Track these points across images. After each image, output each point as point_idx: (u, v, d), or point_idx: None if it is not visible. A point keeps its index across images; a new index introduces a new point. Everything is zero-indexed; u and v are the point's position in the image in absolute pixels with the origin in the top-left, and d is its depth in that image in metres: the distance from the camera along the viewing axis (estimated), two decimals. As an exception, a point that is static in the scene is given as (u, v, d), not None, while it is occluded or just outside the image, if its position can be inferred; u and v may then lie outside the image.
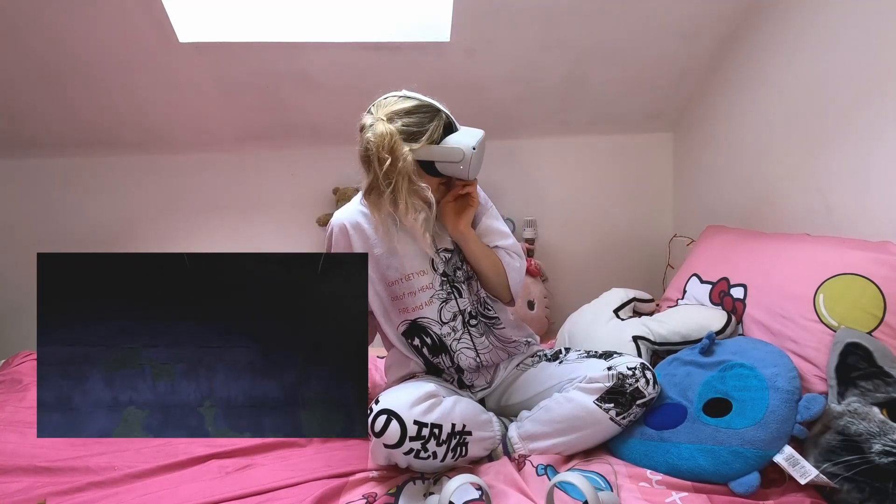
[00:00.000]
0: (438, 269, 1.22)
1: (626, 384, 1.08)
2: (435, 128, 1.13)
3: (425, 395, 1.08)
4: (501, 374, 1.29)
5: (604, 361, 1.15)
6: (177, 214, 2.11)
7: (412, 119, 1.11)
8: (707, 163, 2.00)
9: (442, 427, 1.05)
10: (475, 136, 1.15)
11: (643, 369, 1.11)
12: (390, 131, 1.08)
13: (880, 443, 0.87)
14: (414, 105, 1.13)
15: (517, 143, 2.16)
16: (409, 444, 1.02)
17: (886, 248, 1.12)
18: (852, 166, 1.34)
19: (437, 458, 1.05)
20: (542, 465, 1.09)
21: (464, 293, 1.23)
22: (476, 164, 1.15)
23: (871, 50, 1.27)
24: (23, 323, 2.01)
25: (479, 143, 1.14)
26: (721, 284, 1.43)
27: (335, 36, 1.69)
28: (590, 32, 1.72)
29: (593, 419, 1.09)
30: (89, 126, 1.91)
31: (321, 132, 1.99)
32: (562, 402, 1.12)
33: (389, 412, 1.02)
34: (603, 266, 2.24)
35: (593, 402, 1.09)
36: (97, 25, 1.57)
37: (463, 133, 1.17)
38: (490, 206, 1.29)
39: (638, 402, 1.09)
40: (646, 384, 1.09)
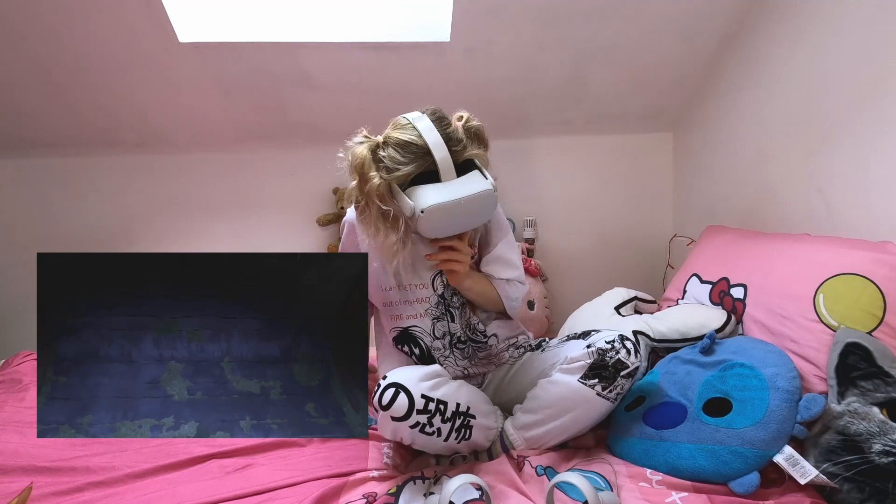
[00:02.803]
0: (437, 290, 1.21)
1: (607, 358, 1.09)
2: (407, 173, 1.05)
3: (433, 373, 1.10)
4: (489, 377, 1.30)
5: (582, 340, 1.16)
6: (177, 214, 2.11)
7: (395, 153, 1.06)
8: (707, 163, 2.00)
9: (447, 404, 1.07)
10: (444, 198, 1.02)
11: (622, 340, 1.11)
12: (363, 157, 1.06)
13: (880, 443, 0.87)
14: (407, 140, 1.05)
15: (517, 143, 2.15)
16: (415, 417, 1.03)
17: (886, 248, 1.12)
18: (852, 166, 1.34)
19: (441, 435, 1.06)
20: (542, 466, 1.09)
21: (456, 318, 1.22)
22: (432, 227, 1.07)
23: (871, 49, 1.27)
24: (23, 323, 2.00)
25: (435, 208, 1.02)
26: (721, 284, 1.43)
27: (335, 36, 1.69)
28: (590, 32, 1.72)
29: (581, 397, 1.10)
30: (89, 126, 1.91)
31: (321, 132, 1.99)
32: (547, 387, 1.13)
33: (398, 385, 1.04)
34: (603, 266, 2.24)
35: (577, 381, 1.09)
36: (97, 25, 1.57)
37: (440, 188, 1.04)
38: (507, 234, 1.26)
39: (622, 373, 1.09)
40: (627, 354, 1.10)
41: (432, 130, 1.05)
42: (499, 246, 1.24)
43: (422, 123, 1.06)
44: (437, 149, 1.04)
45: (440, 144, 1.04)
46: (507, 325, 1.31)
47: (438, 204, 1.02)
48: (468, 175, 1.07)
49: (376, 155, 1.07)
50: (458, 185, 1.05)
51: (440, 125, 1.07)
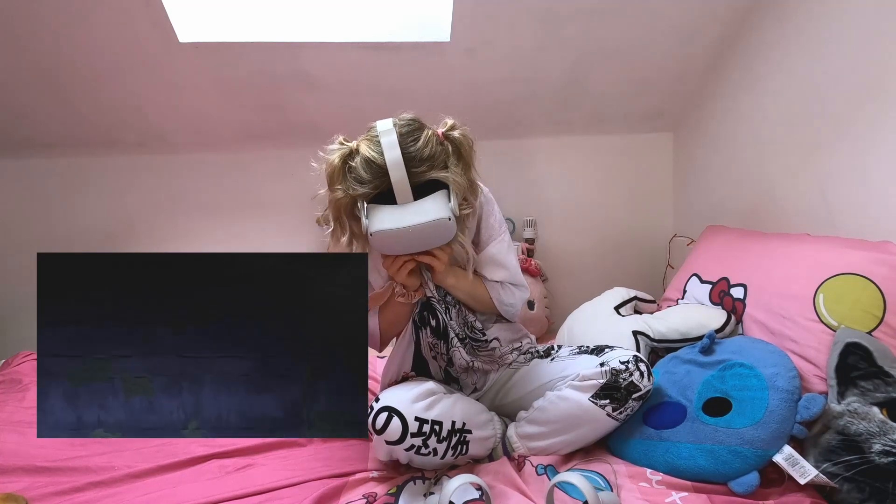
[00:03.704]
0: (430, 288, 1.20)
1: (621, 379, 1.07)
2: (365, 194, 1.04)
3: (426, 393, 1.08)
4: (493, 378, 1.28)
5: (595, 357, 1.14)
6: (177, 214, 2.11)
7: (360, 169, 1.04)
8: (707, 163, 2.00)
9: (442, 424, 1.05)
10: (393, 223, 1.00)
11: (636, 362, 1.10)
12: (333, 167, 1.07)
13: (880, 443, 0.87)
14: (369, 157, 1.03)
15: (517, 143, 2.15)
16: (410, 441, 1.02)
17: (886, 248, 1.12)
18: (852, 166, 1.34)
19: (438, 454, 1.06)
20: (542, 466, 1.09)
21: (453, 316, 1.21)
22: (384, 247, 1.06)
23: (871, 49, 1.27)
24: (23, 323, 2.00)
25: (382, 233, 1.00)
26: (721, 284, 1.43)
27: (335, 36, 1.69)
28: (590, 33, 1.72)
29: (590, 416, 1.09)
30: (89, 126, 1.91)
31: (321, 132, 1.97)
32: (556, 402, 1.11)
33: (390, 409, 1.03)
34: (603, 266, 2.24)
35: (588, 400, 1.08)
36: (97, 25, 1.57)
37: (394, 212, 1.02)
38: (501, 233, 1.22)
39: (634, 395, 1.08)
40: (640, 377, 1.08)
41: (394, 148, 1.01)
42: (490, 246, 1.21)
43: (386, 139, 1.02)
44: (395, 169, 1.00)
45: (398, 165, 1.00)
46: (509, 329, 1.29)
47: (385, 230, 1.00)
48: (428, 198, 1.02)
49: (347, 164, 1.06)
50: (411, 210, 1.01)
51: (406, 141, 1.03)
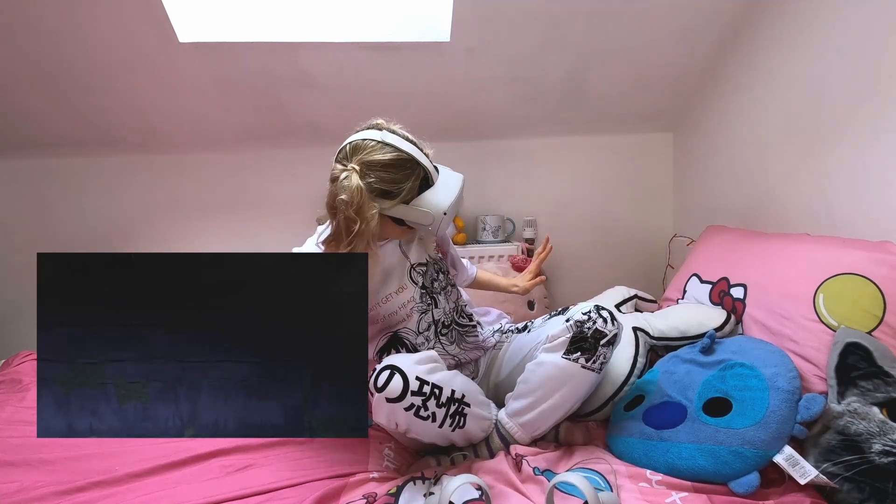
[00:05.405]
0: (418, 283, 1.24)
1: (585, 328, 1.10)
2: (411, 188, 1.09)
3: (428, 359, 1.12)
4: (483, 362, 1.34)
5: (562, 316, 1.18)
6: (177, 214, 2.11)
7: (388, 175, 1.07)
8: (707, 163, 2.00)
9: (442, 390, 1.07)
10: (450, 194, 1.12)
11: (598, 310, 1.13)
12: (360, 189, 1.04)
13: (880, 443, 0.87)
14: (392, 158, 1.06)
15: (517, 143, 2.16)
16: (410, 399, 1.03)
17: (886, 247, 1.12)
18: (852, 166, 1.34)
19: (437, 420, 1.07)
20: (539, 469, 1.08)
21: (440, 303, 1.26)
22: (447, 224, 1.14)
23: (871, 49, 1.27)
24: (23, 323, 2.01)
25: (451, 206, 1.12)
26: (721, 284, 1.43)
27: (335, 36, 1.69)
28: (590, 33, 1.72)
29: (567, 374, 1.11)
30: (89, 126, 1.91)
31: (321, 132, 1.99)
32: (534, 369, 1.15)
33: (393, 367, 1.04)
34: (603, 266, 2.24)
35: (561, 358, 1.11)
36: (97, 25, 1.57)
37: (439, 188, 1.13)
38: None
39: (601, 342, 1.10)
40: (604, 323, 1.11)
41: (404, 141, 1.09)
42: (451, 252, 1.40)
43: (391, 138, 1.09)
44: (419, 154, 1.10)
45: (417, 150, 1.10)
46: (476, 310, 1.44)
47: (452, 201, 1.11)
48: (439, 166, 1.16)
49: (364, 180, 1.06)
50: (442, 183, 1.14)
51: (399, 133, 1.11)
